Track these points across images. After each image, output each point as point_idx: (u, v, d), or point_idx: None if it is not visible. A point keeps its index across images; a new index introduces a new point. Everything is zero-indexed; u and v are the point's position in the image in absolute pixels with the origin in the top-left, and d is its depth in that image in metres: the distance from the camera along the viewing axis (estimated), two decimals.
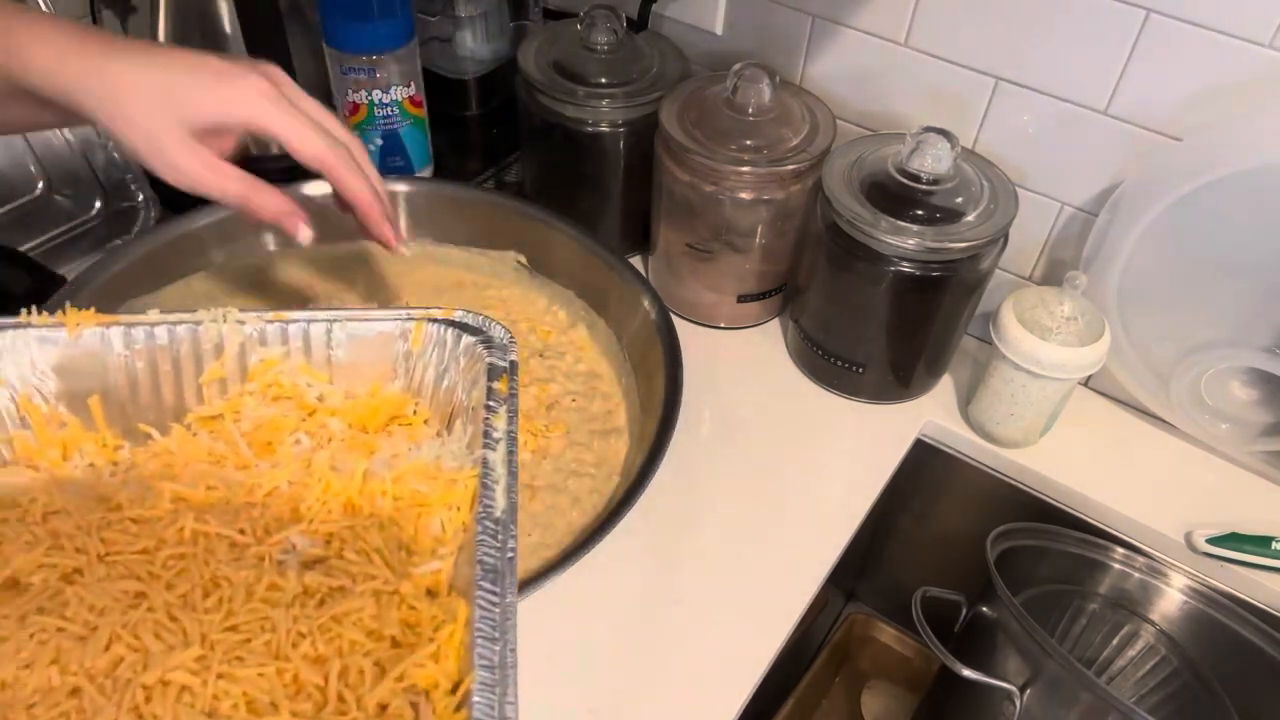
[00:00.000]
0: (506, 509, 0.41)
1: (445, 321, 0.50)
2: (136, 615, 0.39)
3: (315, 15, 0.84)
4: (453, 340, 0.49)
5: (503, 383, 0.46)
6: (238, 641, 0.38)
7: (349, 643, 0.39)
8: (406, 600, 0.41)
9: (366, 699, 0.37)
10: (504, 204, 0.81)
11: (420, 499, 0.45)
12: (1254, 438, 0.75)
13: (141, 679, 0.36)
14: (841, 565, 0.71)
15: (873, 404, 0.81)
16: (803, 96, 0.79)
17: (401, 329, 0.50)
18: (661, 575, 0.68)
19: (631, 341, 0.74)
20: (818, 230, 0.74)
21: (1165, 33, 0.65)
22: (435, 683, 0.37)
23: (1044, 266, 0.80)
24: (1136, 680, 0.76)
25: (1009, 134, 0.75)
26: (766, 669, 0.63)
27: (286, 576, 0.41)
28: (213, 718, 0.36)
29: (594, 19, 0.81)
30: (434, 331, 0.50)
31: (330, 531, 0.44)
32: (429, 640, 0.39)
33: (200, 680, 0.37)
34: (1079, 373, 0.70)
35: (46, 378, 0.47)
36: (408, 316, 0.50)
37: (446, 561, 0.43)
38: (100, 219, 0.87)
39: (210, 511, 0.44)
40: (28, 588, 0.40)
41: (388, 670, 0.38)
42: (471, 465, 0.44)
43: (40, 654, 0.37)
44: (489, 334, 0.49)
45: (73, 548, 0.42)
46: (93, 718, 0.35)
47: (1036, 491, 0.79)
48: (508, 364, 0.47)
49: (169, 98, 0.48)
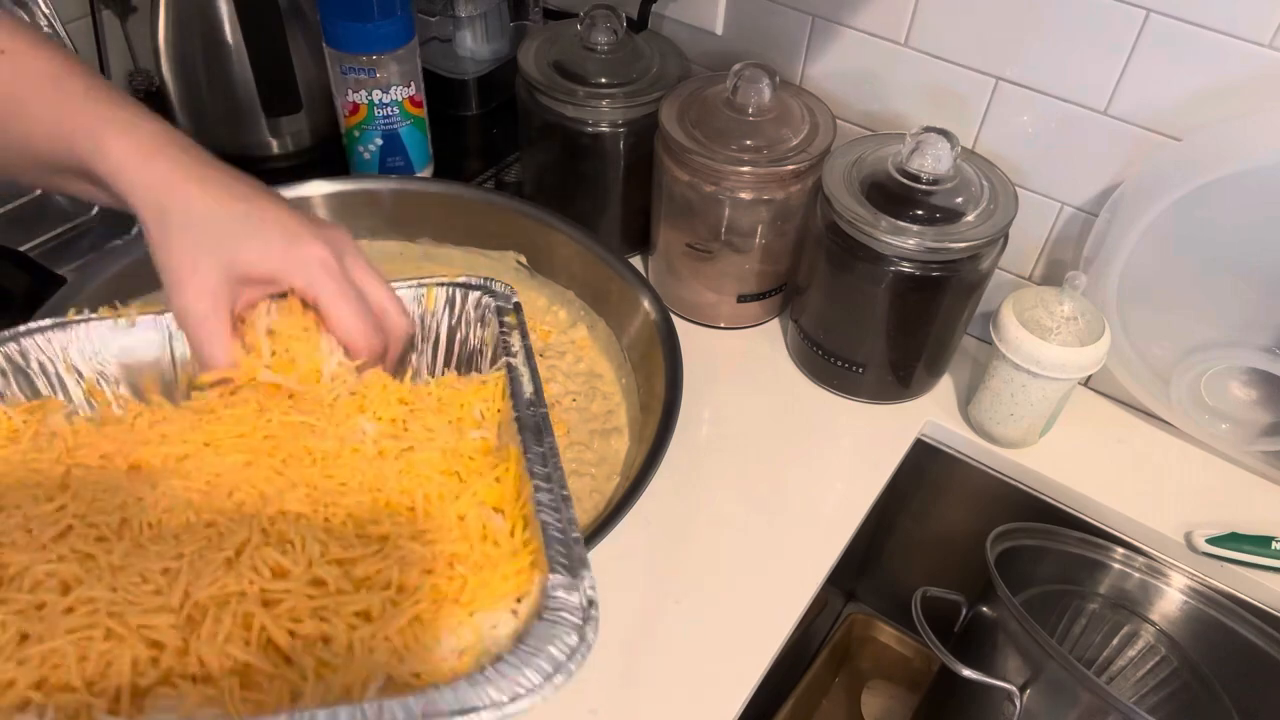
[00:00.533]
0: (534, 391, 0.49)
1: (452, 284, 0.57)
2: (255, 470, 0.46)
3: (315, 15, 0.84)
4: (460, 297, 0.56)
5: (512, 316, 0.55)
6: (336, 485, 0.46)
7: (427, 479, 0.46)
8: (465, 454, 0.48)
9: (449, 509, 0.44)
10: (504, 204, 0.81)
11: (459, 395, 0.52)
12: (1254, 438, 0.75)
13: (265, 511, 0.43)
14: (841, 565, 0.71)
15: (873, 404, 0.81)
16: (803, 96, 0.80)
17: (416, 294, 0.56)
18: (661, 575, 0.68)
19: (631, 342, 0.74)
20: (818, 230, 0.74)
21: (1165, 33, 0.65)
22: (502, 498, 0.45)
23: (1044, 266, 0.80)
24: (1136, 680, 0.76)
25: (1009, 134, 0.75)
26: (766, 669, 0.63)
27: (366, 439, 0.48)
28: (327, 532, 0.43)
29: (594, 19, 0.81)
30: (443, 293, 0.57)
31: (392, 418, 0.50)
32: (492, 472, 0.47)
33: (312, 509, 0.44)
34: (1079, 373, 0.70)
35: (108, 364, 0.52)
36: (419, 283, 0.57)
37: (490, 433, 0.49)
38: (100, 219, 0.87)
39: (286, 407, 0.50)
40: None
41: (462, 493, 0.45)
42: (497, 369, 0.52)
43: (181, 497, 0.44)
44: (491, 288, 0.56)
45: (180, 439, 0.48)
46: (229, 538, 0.42)
47: (1036, 491, 0.79)
48: (513, 305, 0.56)
49: (227, 234, 0.47)
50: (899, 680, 0.99)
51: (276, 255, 0.48)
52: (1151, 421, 0.81)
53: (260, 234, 0.48)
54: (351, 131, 0.86)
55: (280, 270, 0.48)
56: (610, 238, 0.88)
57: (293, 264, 0.48)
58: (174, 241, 0.47)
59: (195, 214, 0.47)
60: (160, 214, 0.47)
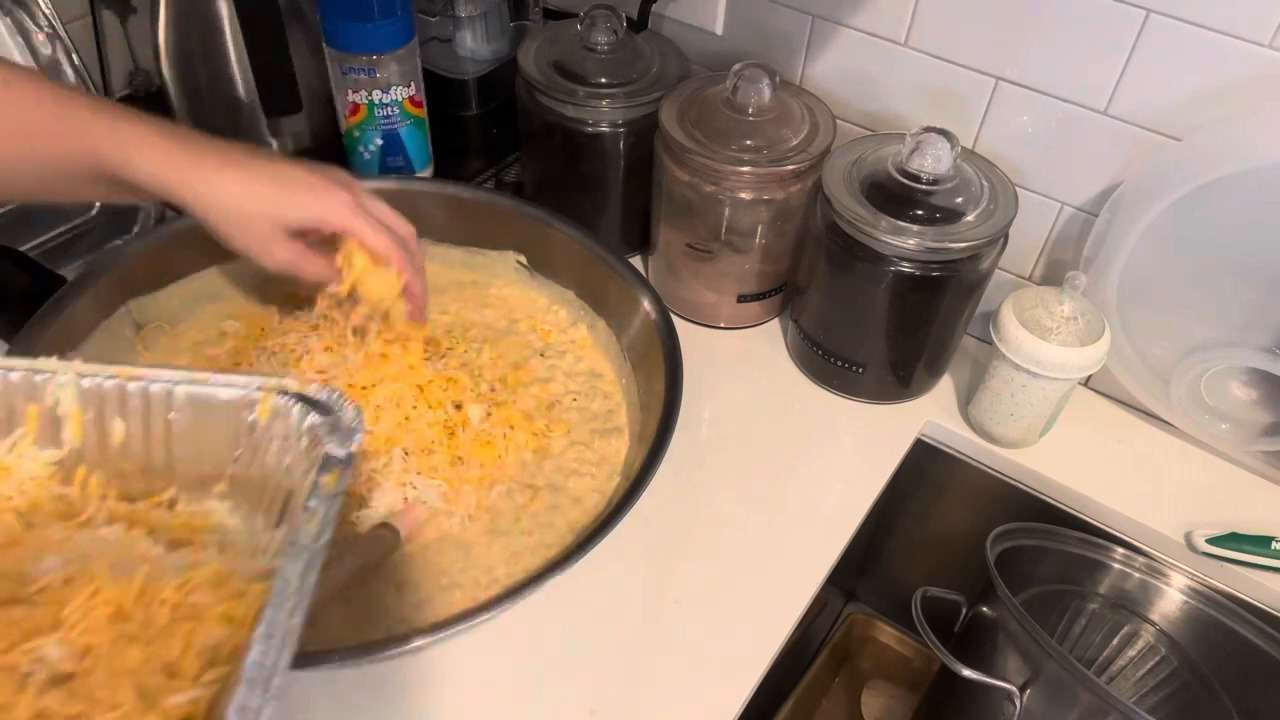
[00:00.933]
0: (284, 633, 0.36)
1: (296, 395, 0.45)
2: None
3: (315, 15, 0.84)
4: (299, 416, 0.45)
5: (332, 477, 0.42)
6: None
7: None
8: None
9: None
10: (504, 204, 0.81)
11: (197, 612, 0.41)
12: (1254, 438, 0.75)
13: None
14: (841, 565, 0.71)
15: (873, 404, 0.81)
16: (803, 96, 0.79)
17: (248, 398, 0.46)
18: (661, 575, 0.68)
19: (631, 342, 0.74)
20: (818, 230, 0.74)
21: (1165, 33, 0.65)
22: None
23: (1044, 266, 0.80)
24: (1136, 680, 0.76)
25: (1009, 134, 0.75)
26: (766, 669, 0.63)
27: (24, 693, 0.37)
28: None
29: (594, 19, 0.81)
30: (281, 404, 0.45)
31: (89, 644, 0.39)
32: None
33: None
34: (1079, 373, 0.70)
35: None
36: (258, 386, 0.46)
37: (208, 689, 0.38)
38: (100, 219, 0.87)
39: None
40: None
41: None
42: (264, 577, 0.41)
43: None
44: (339, 415, 0.44)
45: None
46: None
47: (1036, 491, 0.79)
48: (344, 456, 0.43)
49: (273, 209, 0.59)
50: (899, 680, 0.99)
51: (314, 209, 0.60)
52: (1151, 421, 0.81)
53: (296, 198, 0.60)
54: (351, 131, 0.86)
55: (319, 219, 0.60)
56: (610, 238, 0.88)
57: (331, 215, 0.61)
58: (235, 230, 0.59)
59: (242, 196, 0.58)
60: (211, 205, 0.58)
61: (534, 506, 0.66)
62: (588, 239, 0.77)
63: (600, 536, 0.57)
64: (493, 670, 0.61)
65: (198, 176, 0.57)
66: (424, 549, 0.63)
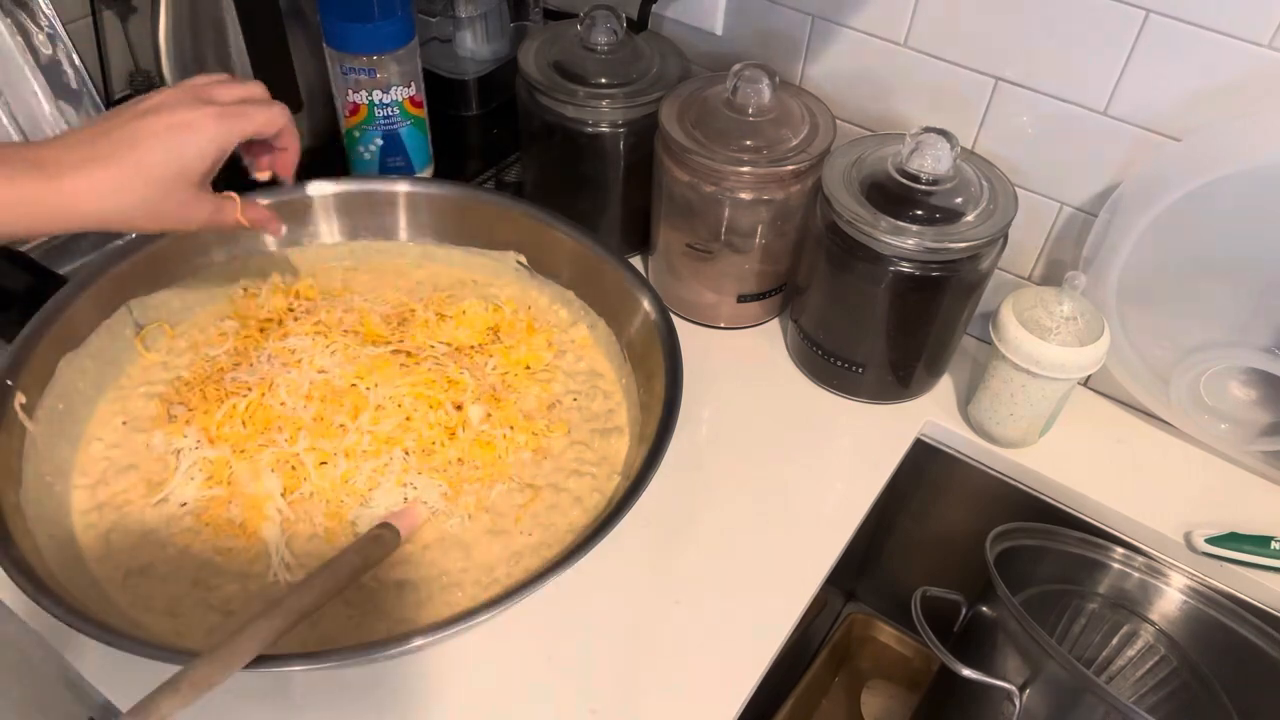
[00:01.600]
0: None
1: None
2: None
3: (315, 15, 0.84)
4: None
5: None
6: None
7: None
8: None
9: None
10: (504, 204, 0.81)
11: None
12: (1254, 438, 0.75)
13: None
14: (841, 565, 0.71)
15: (872, 404, 0.81)
16: (803, 97, 0.80)
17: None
18: (661, 575, 0.68)
19: (631, 342, 0.74)
20: (818, 230, 0.74)
21: (1165, 33, 0.65)
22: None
23: (1044, 266, 0.80)
24: (1136, 680, 0.76)
25: (1009, 134, 0.75)
26: (766, 669, 0.63)
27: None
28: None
29: (594, 19, 0.81)
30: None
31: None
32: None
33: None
34: (1079, 373, 0.70)
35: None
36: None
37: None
38: None
39: None
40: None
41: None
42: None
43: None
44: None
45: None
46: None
47: (1036, 491, 0.79)
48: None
49: (164, 181, 0.54)
50: (899, 680, 0.99)
51: (203, 147, 0.55)
52: (1151, 421, 0.81)
53: (171, 148, 0.54)
54: (352, 132, 0.86)
55: (220, 149, 0.56)
56: (610, 238, 0.88)
57: (218, 137, 0.55)
58: (149, 223, 0.55)
59: (129, 195, 0.53)
60: (108, 220, 0.53)
61: (534, 506, 0.66)
62: (588, 239, 0.77)
63: (600, 536, 0.57)
64: (493, 670, 0.61)
65: (70, 196, 0.51)
66: (424, 549, 0.63)
